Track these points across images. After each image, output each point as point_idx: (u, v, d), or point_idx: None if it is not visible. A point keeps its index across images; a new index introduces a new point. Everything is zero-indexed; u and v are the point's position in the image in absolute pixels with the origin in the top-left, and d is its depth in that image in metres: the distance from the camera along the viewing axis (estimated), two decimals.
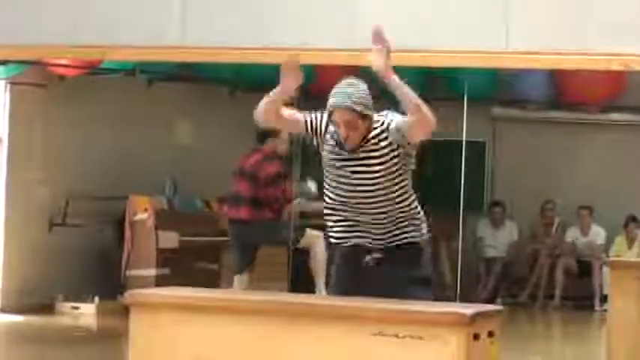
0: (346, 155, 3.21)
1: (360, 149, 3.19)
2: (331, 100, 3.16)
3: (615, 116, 8.80)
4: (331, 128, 3.23)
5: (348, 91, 3.19)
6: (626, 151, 8.64)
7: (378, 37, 3.10)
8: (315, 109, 3.39)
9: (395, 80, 3.04)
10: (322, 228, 6.01)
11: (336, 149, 3.20)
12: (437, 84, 8.19)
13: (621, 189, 8.62)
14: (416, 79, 8.00)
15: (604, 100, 8.52)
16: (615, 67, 5.09)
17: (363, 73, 3.50)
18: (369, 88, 3.12)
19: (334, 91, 3.16)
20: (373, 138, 3.19)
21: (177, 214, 7.70)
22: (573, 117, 8.99)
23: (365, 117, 3.17)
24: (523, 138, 9.09)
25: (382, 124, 3.23)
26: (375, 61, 3.09)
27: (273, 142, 6.51)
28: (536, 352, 6.89)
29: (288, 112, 3.25)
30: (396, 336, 3.11)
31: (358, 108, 3.13)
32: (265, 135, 6.41)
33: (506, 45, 4.58)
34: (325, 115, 3.21)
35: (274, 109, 3.17)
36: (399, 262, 3.29)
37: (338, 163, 3.21)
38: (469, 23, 4.63)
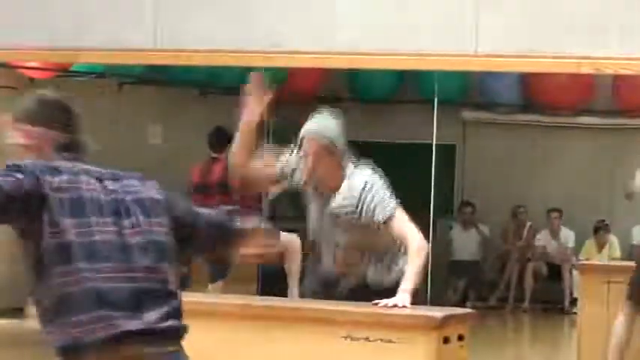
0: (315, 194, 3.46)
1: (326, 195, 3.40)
2: (302, 130, 3.32)
3: (585, 119, 8.90)
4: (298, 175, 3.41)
5: (317, 118, 3.40)
6: (596, 155, 8.74)
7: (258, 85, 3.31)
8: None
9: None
10: (294, 230, 6.13)
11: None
12: (408, 88, 8.35)
13: (591, 193, 8.75)
14: (389, 82, 8.16)
15: (574, 103, 8.65)
16: (585, 70, 5.19)
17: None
18: None
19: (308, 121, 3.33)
20: (343, 199, 3.34)
21: None
22: (543, 120, 9.06)
23: (335, 153, 3.32)
24: (493, 141, 9.16)
25: (366, 190, 3.38)
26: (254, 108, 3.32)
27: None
28: (506, 356, 7.05)
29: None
30: (367, 339, 3.24)
31: (326, 140, 3.30)
32: (222, 142, 6.12)
33: (475, 48, 4.65)
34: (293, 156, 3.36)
35: (244, 153, 3.35)
36: None
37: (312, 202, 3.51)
38: (439, 26, 4.72)
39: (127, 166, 7.54)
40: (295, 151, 3.47)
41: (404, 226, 3.41)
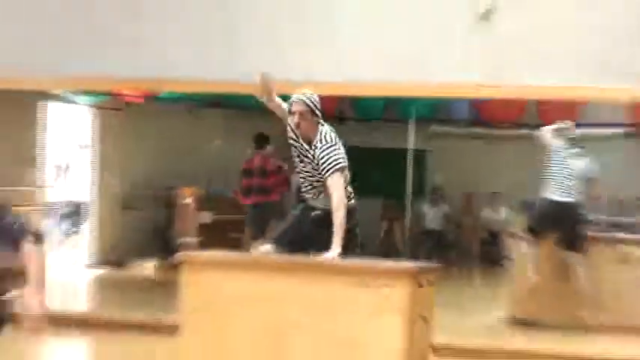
0: (299, 144, 4.21)
1: (306, 146, 4.17)
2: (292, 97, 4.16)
3: (519, 131, 11.09)
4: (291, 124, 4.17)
5: (304, 92, 4.17)
6: (527, 156, 11.04)
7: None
8: None
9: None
10: None
11: (294, 136, 4.21)
12: (391, 109, 10.66)
13: (523, 182, 11.06)
14: (379, 106, 10.85)
15: (511, 119, 11.01)
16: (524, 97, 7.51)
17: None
18: None
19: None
20: (315, 148, 4.14)
21: (211, 200, 9.86)
22: (488, 132, 11.59)
23: (313, 114, 4.10)
24: (453, 147, 11.64)
25: (323, 148, 4.15)
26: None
27: (270, 148, 8.44)
28: (462, 297, 8.79)
29: (282, 105, 4.25)
30: (367, 285, 3.98)
31: (308, 102, 4.09)
32: (262, 142, 8.41)
33: (439, 78, 6.77)
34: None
35: (275, 105, 4.20)
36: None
37: (295, 150, 4.26)
38: (410, 59, 6.78)
39: (195, 165, 10.30)
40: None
41: (334, 183, 4.15)
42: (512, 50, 6.83)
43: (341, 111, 10.62)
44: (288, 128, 4.34)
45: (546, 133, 7.02)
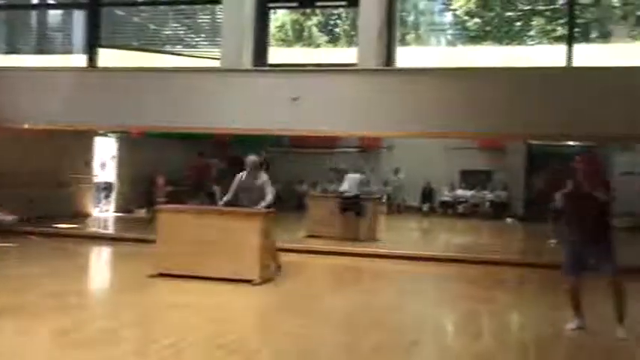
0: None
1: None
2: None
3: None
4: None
5: (252, 156, 9.53)
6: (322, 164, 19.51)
7: None
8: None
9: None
10: None
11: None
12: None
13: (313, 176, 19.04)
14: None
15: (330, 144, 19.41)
16: (317, 134, 15.25)
17: None
18: None
19: None
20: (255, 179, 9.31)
21: (172, 181, 18.27)
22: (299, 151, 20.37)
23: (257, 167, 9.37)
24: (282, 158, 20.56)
25: (263, 177, 9.33)
26: None
27: (203, 157, 16.46)
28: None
29: None
30: (248, 220, 8.89)
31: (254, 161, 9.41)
32: (200, 154, 16.41)
33: (277, 127, 13.68)
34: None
35: None
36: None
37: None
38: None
39: (171, 165, 19.81)
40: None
41: (270, 190, 9.27)
42: (308, 114, 12.17)
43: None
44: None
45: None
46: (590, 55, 15.58)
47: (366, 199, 14.62)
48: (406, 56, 14.21)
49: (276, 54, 14.67)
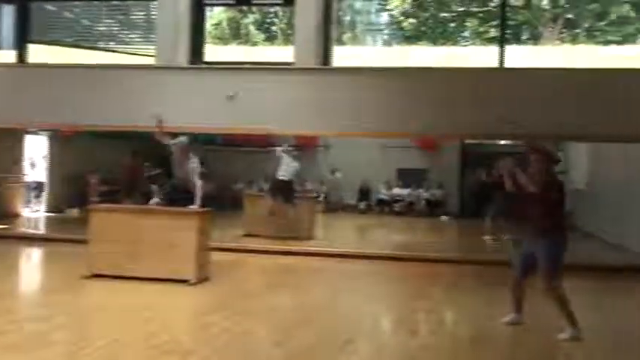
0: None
1: None
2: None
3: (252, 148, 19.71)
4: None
5: (181, 138, 9.53)
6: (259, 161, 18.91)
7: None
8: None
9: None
10: None
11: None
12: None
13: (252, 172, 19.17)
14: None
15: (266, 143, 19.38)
16: (253, 133, 15.13)
17: None
18: None
19: None
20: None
21: (106, 180, 17.83)
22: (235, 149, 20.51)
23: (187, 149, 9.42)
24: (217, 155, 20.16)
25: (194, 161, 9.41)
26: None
27: (137, 158, 16.18)
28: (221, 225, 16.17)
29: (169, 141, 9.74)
30: (183, 218, 9.32)
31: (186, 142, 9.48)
32: (134, 155, 16.06)
33: (219, 125, 14.02)
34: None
35: (165, 140, 9.39)
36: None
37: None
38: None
39: (105, 164, 19.30)
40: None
41: (197, 179, 9.14)
42: (244, 112, 12.22)
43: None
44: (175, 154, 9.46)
45: (279, 150, 14.67)
46: (521, 56, 15.91)
47: (297, 190, 14.87)
48: (343, 55, 14.29)
49: (213, 52, 14.58)
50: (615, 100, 11.69)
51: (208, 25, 15.17)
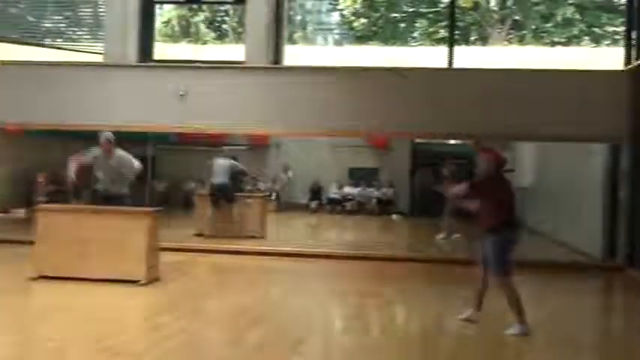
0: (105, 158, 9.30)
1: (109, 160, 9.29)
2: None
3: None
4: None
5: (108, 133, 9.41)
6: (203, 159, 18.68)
7: None
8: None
9: None
10: None
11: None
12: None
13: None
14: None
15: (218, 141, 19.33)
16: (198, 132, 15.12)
17: None
18: None
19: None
20: (114, 160, 9.30)
21: (58, 177, 17.40)
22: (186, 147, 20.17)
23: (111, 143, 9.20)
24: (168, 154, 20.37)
25: (123, 156, 9.33)
26: None
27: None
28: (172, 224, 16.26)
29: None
30: (133, 218, 9.25)
31: (111, 138, 9.29)
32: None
33: (163, 123, 14.04)
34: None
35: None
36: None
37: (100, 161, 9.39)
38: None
39: (51, 164, 18.67)
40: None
41: (134, 161, 9.33)
42: (195, 111, 12.37)
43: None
44: (99, 151, 9.16)
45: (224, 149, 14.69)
46: (470, 56, 16.08)
47: (236, 186, 14.95)
48: (294, 55, 14.31)
49: (162, 50, 14.46)
50: (562, 101, 11.94)
51: (158, 22, 15.01)
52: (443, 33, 15.47)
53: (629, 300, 10.00)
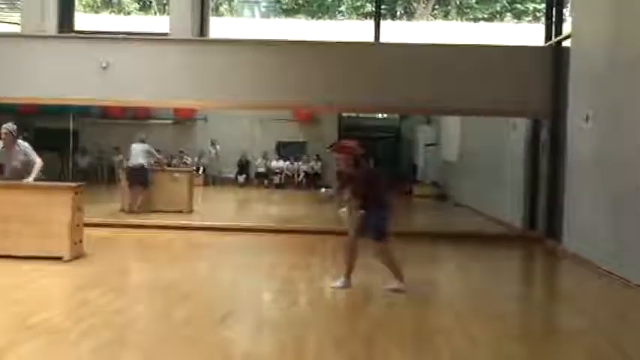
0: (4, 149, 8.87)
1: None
2: None
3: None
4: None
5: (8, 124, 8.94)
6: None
7: None
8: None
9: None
10: None
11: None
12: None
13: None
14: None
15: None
16: (123, 105, 14.82)
17: None
18: None
19: None
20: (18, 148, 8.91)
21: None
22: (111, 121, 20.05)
23: (12, 134, 8.81)
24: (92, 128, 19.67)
25: (25, 146, 8.94)
26: None
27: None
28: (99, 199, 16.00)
29: None
30: (54, 192, 8.90)
31: (12, 129, 8.91)
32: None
33: (90, 95, 13.49)
34: None
35: None
36: None
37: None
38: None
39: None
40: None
41: (36, 156, 8.85)
42: (118, 83, 12.22)
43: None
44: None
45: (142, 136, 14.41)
46: (396, 31, 16.18)
47: (151, 169, 14.59)
48: (220, 27, 14.15)
49: (84, 20, 14.09)
50: (487, 75, 12.18)
51: None
52: (369, 7, 15.48)
53: (547, 266, 10.36)
